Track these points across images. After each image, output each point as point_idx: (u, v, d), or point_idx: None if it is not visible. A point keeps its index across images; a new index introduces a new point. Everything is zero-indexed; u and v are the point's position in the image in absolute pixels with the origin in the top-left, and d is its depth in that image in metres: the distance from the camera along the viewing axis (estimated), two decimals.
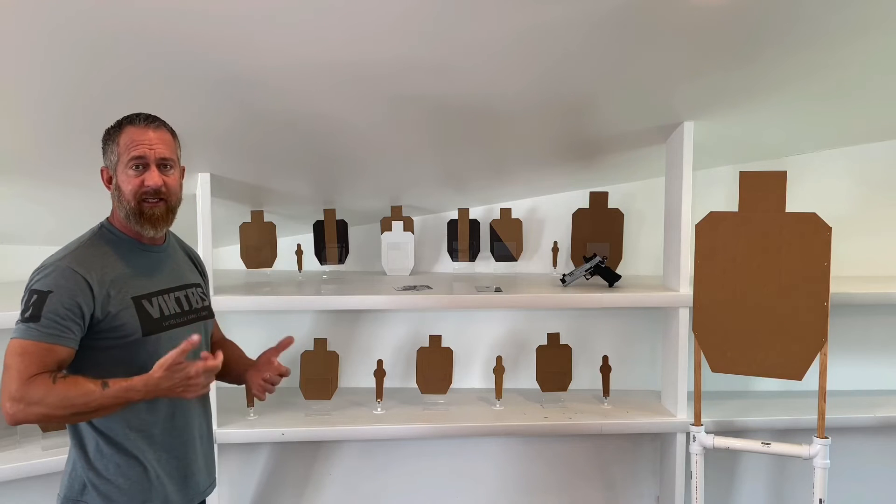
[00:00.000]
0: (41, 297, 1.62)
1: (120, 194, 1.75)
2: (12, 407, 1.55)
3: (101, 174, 1.78)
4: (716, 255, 2.68)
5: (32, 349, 1.58)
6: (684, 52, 2.38)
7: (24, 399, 1.55)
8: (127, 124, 1.76)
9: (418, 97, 2.45)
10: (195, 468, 1.86)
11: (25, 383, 1.55)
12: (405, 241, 3.28)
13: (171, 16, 1.93)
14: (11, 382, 1.56)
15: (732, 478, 3.30)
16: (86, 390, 1.58)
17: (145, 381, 1.60)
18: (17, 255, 3.05)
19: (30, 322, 1.60)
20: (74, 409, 1.58)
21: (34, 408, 1.55)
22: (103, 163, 1.77)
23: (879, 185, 3.34)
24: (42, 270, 1.66)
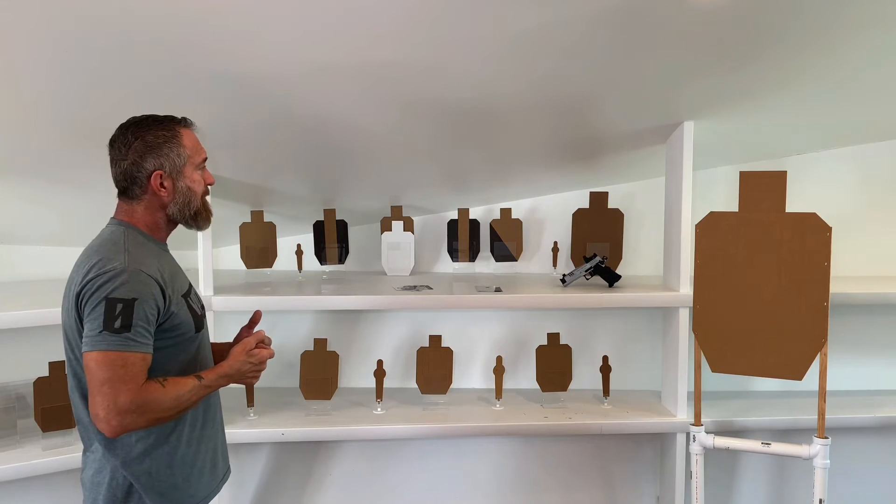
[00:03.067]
0: (127, 304, 1.58)
1: (190, 195, 1.75)
2: (122, 419, 1.55)
3: (154, 178, 1.71)
4: (716, 254, 2.68)
5: (132, 360, 1.57)
6: (684, 53, 2.38)
7: (141, 409, 1.56)
8: (180, 126, 1.76)
9: (419, 97, 2.45)
10: (219, 455, 1.91)
11: (140, 392, 1.57)
12: (405, 241, 3.28)
13: (172, 16, 1.93)
14: (121, 395, 1.54)
15: (732, 478, 3.30)
16: (191, 387, 1.67)
17: (230, 366, 1.74)
18: (17, 255, 3.06)
19: (122, 332, 1.57)
20: (181, 407, 1.65)
21: (148, 415, 1.59)
22: (153, 167, 1.71)
23: (879, 185, 3.34)
24: (112, 278, 1.60)
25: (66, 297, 1.71)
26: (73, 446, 2.59)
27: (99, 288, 1.59)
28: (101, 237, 1.75)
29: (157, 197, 1.74)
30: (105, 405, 1.54)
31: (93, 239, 1.77)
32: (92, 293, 1.60)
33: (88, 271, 1.63)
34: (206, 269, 2.77)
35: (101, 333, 1.56)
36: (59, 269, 3.10)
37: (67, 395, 2.55)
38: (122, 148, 1.72)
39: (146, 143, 1.71)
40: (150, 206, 1.75)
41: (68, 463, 2.54)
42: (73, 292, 1.65)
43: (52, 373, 2.57)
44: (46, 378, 2.57)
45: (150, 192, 1.73)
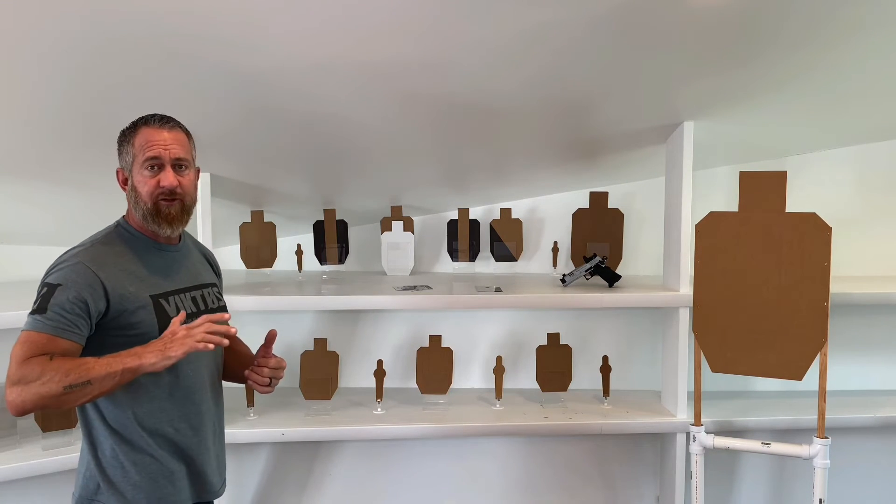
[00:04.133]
0: (50, 289, 1.63)
1: (136, 195, 1.75)
2: (12, 392, 1.54)
3: (117, 175, 1.79)
4: (716, 255, 2.68)
5: (34, 338, 1.60)
6: (684, 52, 2.38)
7: (23, 380, 1.54)
8: (142, 125, 1.77)
9: (419, 97, 2.45)
10: (208, 468, 1.86)
11: (22, 364, 1.55)
12: (405, 241, 3.28)
13: (172, 15, 1.93)
14: (11, 368, 1.56)
15: (732, 478, 3.30)
16: (80, 361, 1.58)
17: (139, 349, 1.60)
18: (17, 255, 3.06)
19: (36, 314, 1.62)
20: (69, 381, 1.54)
21: (32, 387, 1.53)
22: (118, 164, 1.79)
23: (880, 185, 3.34)
24: (57, 265, 1.68)
25: None
26: (74, 446, 2.59)
27: (47, 271, 1.69)
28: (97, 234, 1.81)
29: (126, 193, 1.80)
30: (6, 382, 1.56)
31: None
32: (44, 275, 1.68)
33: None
34: None
35: (30, 314, 1.63)
36: None
37: None
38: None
39: (118, 142, 1.80)
40: (128, 203, 1.81)
41: (68, 463, 2.54)
42: None
43: None
44: None
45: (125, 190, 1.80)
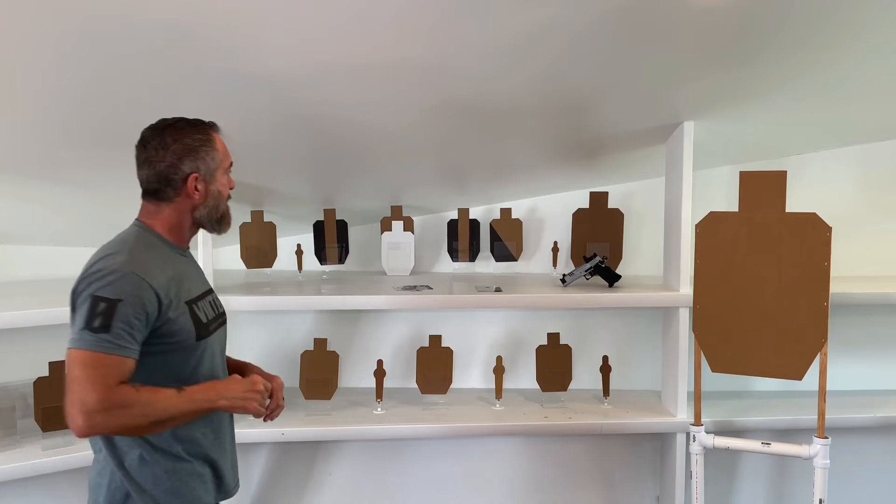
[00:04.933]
0: (110, 305, 1.55)
1: (217, 198, 1.77)
2: (89, 419, 1.50)
3: (189, 180, 1.72)
4: (716, 255, 2.68)
5: (106, 361, 1.54)
6: (684, 52, 2.38)
7: (109, 409, 1.51)
8: (212, 131, 1.77)
9: (418, 96, 2.45)
10: (226, 469, 1.87)
11: (110, 392, 1.51)
12: (405, 241, 3.28)
13: (172, 15, 1.93)
14: (89, 394, 1.51)
15: (732, 478, 3.30)
16: (167, 396, 1.59)
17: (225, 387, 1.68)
18: (17, 255, 3.06)
19: (100, 332, 1.54)
20: (155, 416, 1.57)
21: (117, 419, 1.53)
22: (190, 169, 1.71)
23: (879, 185, 3.34)
24: (103, 276, 1.59)
25: None
26: (74, 446, 2.59)
27: (89, 285, 1.58)
28: (116, 238, 1.74)
29: (190, 199, 1.74)
30: (75, 403, 1.51)
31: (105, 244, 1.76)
32: (83, 289, 1.59)
33: (87, 268, 1.63)
34: (206, 269, 2.76)
35: (82, 331, 1.54)
36: (59, 269, 3.13)
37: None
38: (160, 150, 1.70)
39: (184, 146, 1.71)
40: (178, 208, 1.74)
41: (68, 463, 2.54)
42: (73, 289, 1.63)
43: (52, 373, 2.57)
44: (46, 378, 2.56)
45: (183, 195, 1.73)
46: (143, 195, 1.76)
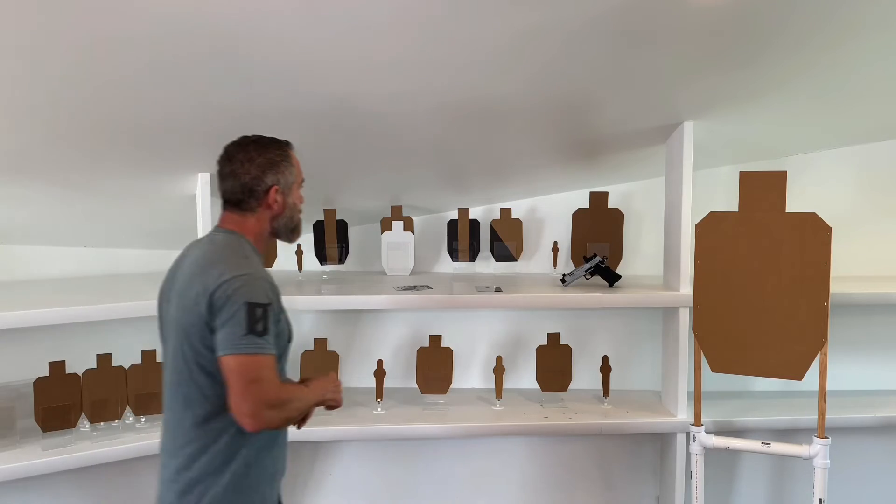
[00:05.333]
0: (264, 310, 1.69)
1: (293, 210, 1.91)
2: (267, 415, 1.68)
3: (271, 192, 1.84)
4: (716, 255, 2.68)
5: (271, 363, 1.70)
6: (684, 53, 2.38)
7: (280, 405, 1.70)
8: (290, 148, 1.91)
9: (418, 96, 2.45)
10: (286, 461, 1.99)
11: (279, 390, 1.71)
12: (405, 241, 3.28)
13: (172, 14, 1.93)
14: (268, 392, 1.67)
15: (732, 478, 3.30)
16: (302, 390, 1.85)
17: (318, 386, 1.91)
18: (17, 255, 3.06)
19: (263, 336, 1.68)
20: (303, 410, 1.83)
21: (284, 412, 1.72)
22: (272, 182, 1.84)
23: (880, 185, 3.34)
24: (248, 283, 1.70)
25: (181, 297, 1.76)
26: (74, 446, 2.59)
27: (236, 291, 1.68)
28: (218, 243, 1.82)
29: (270, 210, 1.86)
30: (254, 402, 1.65)
31: (203, 245, 1.85)
32: (229, 296, 1.67)
33: (221, 275, 1.70)
34: None
35: (247, 336, 1.65)
36: (59, 269, 3.14)
37: (67, 396, 2.58)
38: (245, 163, 1.83)
39: (267, 160, 1.84)
40: (260, 217, 1.86)
41: (68, 463, 2.54)
42: (203, 294, 1.70)
43: (52, 373, 2.57)
44: (46, 378, 2.56)
45: (264, 206, 1.85)
46: (224, 206, 1.88)
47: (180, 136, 2.53)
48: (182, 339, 1.74)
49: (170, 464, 1.81)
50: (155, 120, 2.40)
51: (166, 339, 1.83)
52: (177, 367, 1.77)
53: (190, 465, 1.76)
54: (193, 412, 1.75)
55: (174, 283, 1.82)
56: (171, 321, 1.80)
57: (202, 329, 1.70)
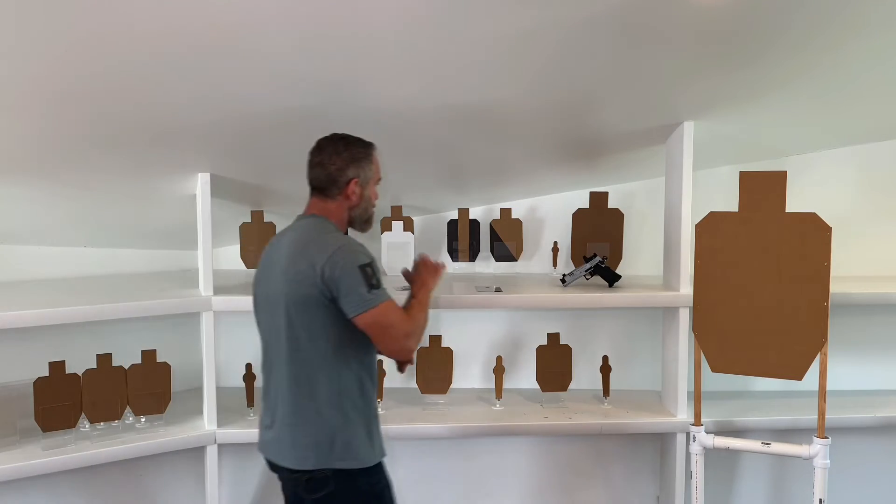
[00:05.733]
0: (373, 267, 2.01)
1: (368, 203, 2.16)
2: (410, 342, 2.05)
3: (351, 184, 2.10)
4: (716, 255, 2.68)
5: (395, 305, 2.04)
6: (684, 53, 2.38)
7: (414, 331, 2.07)
8: (373, 149, 2.17)
9: (418, 96, 2.45)
10: None
11: (411, 322, 2.07)
12: (405, 241, 3.28)
13: (172, 14, 1.93)
14: (402, 328, 2.03)
15: (732, 478, 3.30)
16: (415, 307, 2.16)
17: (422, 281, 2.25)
18: (17, 255, 3.06)
19: (380, 287, 2.00)
20: (427, 317, 2.15)
21: (418, 331, 2.09)
22: (352, 175, 2.10)
23: (880, 185, 3.34)
24: (351, 250, 2.01)
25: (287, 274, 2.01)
26: (74, 446, 2.60)
27: (344, 261, 1.97)
28: (308, 227, 2.08)
29: (348, 200, 2.11)
30: (396, 341, 2.02)
31: (295, 230, 2.10)
32: (341, 268, 1.96)
33: (326, 249, 1.98)
34: (206, 269, 2.77)
35: (371, 292, 1.97)
36: (59, 269, 3.13)
37: (67, 396, 2.58)
38: (333, 155, 2.10)
39: (352, 155, 2.11)
40: (340, 205, 2.11)
41: (68, 463, 2.54)
42: (313, 271, 1.96)
43: (52, 373, 2.57)
44: (46, 378, 2.56)
45: (343, 195, 2.10)
46: (312, 192, 2.14)
47: (180, 136, 2.53)
48: (300, 309, 1.99)
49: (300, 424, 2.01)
50: (155, 120, 2.40)
51: (272, 317, 2.06)
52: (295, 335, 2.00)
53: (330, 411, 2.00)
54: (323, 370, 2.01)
55: (272, 266, 2.07)
56: (276, 299, 2.03)
57: (317, 299, 1.97)
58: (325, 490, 1.98)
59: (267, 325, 2.11)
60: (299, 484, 2.02)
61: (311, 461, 1.99)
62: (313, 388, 2.00)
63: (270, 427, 2.08)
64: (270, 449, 2.09)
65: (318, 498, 1.99)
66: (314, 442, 2.00)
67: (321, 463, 1.98)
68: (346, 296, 1.96)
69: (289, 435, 2.03)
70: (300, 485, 2.01)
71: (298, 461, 2.01)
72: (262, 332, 2.15)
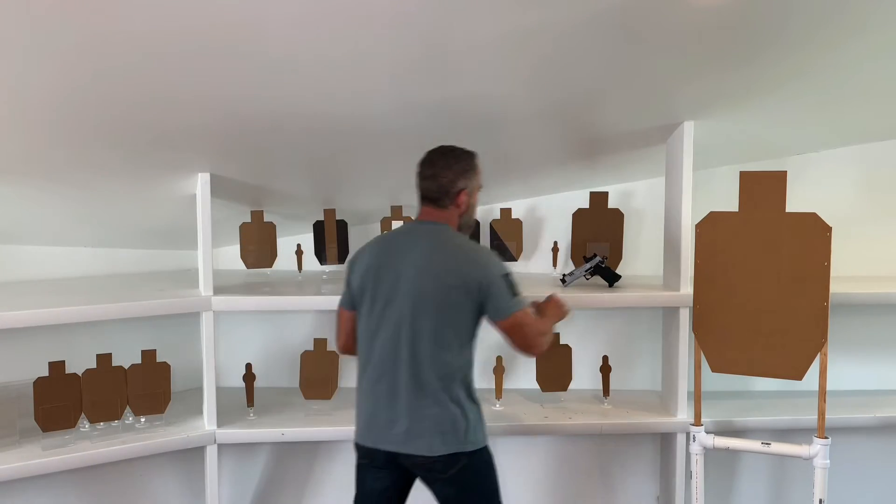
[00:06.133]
0: (510, 275, 2.24)
1: (473, 209, 2.33)
2: (542, 339, 2.28)
3: (461, 195, 2.26)
4: (716, 255, 2.68)
5: (528, 309, 2.27)
6: (684, 53, 2.38)
7: (544, 331, 2.31)
8: (477, 159, 2.32)
9: (418, 97, 2.45)
10: None
11: (539, 323, 2.30)
12: None
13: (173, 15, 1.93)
14: (535, 329, 2.26)
15: (732, 478, 3.30)
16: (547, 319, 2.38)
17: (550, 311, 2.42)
18: (17, 255, 3.06)
19: (519, 293, 2.24)
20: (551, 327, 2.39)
21: (547, 333, 2.34)
22: (461, 186, 2.25)
23: (880, 185, 3.34)
24: (496, 262, 2.25)
25: (441, 279, 2.17)
26: (74, 446, 2.60)
27: (492, 273, 2.20)
28: (448, 235, 2.25)
29: (458, 209, 2.27)
30: (531, 339, 2.25)
31: (430, 236, 2.24)
32: (490, 279, 2.18)
33: (479, 261, 2.22)
34: (206, 269, 2.77)
35: (516, 298, 2.21)
36: (59, 270, 3.13)
37: (67, 396, 2.58)
38: (444, 169, 2.25)
39: (462, 168, 2.26)
40: (452, 214, 2.28)
41: (68, 463, 2.54)
42: (470, 278, 2.17)
43: (52, 373, 2.57)
44: (46, 378, 2.56)
45: (454, 204, 2.26)
46: (423, 201, 2.29)
47: (180, 136, 2.53)
48: (446, 312, 2.16)
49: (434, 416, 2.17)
50: (155, 120, 2.40)
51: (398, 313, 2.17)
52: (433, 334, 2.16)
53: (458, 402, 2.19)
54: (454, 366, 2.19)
55: (401, 265, 2.19)
56: (412, 297, 2.16)
57: (466, 304, 2.17)
58: (458, 466, 2.19)
59: (392, 320, 2.19)
60: (433, 467, 2.19)
61: (446, 447, 2.16)
62: (446, 382, 2.18)
63: (394, 421, 2.18)
64: (396, 441, 2.19)
65: (453, 474, 2.19)
66: (451, 429, 2.17)
67: (455, 448, 2.17)
68: (495, 303, 2.19)
69: (423, 426, 2.16)
70: (433, 467, 2.19)
71: (435, 448, 2.16)
72: (374, 324, 2.22)
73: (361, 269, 2.27)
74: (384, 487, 2.27)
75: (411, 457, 2.19)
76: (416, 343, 2.16)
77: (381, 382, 2.20)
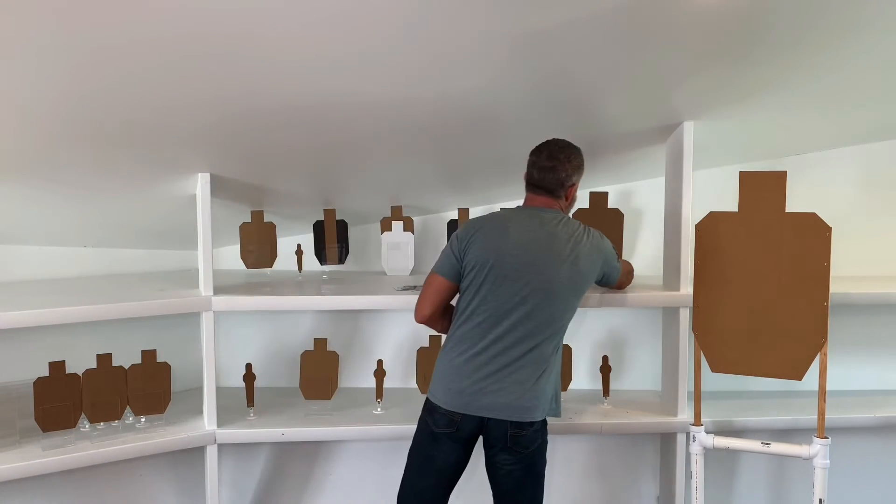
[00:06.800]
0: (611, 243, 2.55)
1: (574, 202, 2.54)
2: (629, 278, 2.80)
3: (572, 188, 2.46)
4: (716, 255, 2.68)
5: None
6: (684, 53, 2.38)
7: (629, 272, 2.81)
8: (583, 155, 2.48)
9: (418, 97, 2.45)
10: None
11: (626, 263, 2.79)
12: (405, 241, 3.28)
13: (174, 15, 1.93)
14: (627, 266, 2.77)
15: (732, 478, 3.30)
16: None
17: None
18: (17, 255, 3.06)
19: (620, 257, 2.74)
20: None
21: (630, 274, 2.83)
22: (574, 180, 2.45)
23: (880, 185, 3.34)
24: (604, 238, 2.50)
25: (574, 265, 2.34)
26: (74, 446, 2.60)
27: (607, 245, 2.50)
28: (573, 223, 2.43)
29: (567, 200, 2.47)
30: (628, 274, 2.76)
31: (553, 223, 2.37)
32: (607, 250, 2.49)
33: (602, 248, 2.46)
34: (206, 269, 2.77)
35: (619, 261, 2.61)
36: (59, 270, 3.13)
37: (67, 396, 2.59)
38: (564, 163, 2.41)
39: (577, 164, 2.45)
40: (562, 204, 2.46)
41: (68, 463, 2.55)
42: (601, 262, 2.46)
43: (52, 373, 2.57)
44: (46, 378, 2.57)
45: (565, 196, 2.46)
46: (536, 190, 2.44)
47: (181, 136, 2.53)
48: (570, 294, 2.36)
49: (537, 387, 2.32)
50: (155, 120, 2.40)
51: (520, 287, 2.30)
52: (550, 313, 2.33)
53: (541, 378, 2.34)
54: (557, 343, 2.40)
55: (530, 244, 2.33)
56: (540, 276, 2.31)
57: (586, 287, 2.43)
58: (534, 427, 2.33)
59: (520, 295, 2.30)
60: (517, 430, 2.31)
61: (535, 414, 2.32)
62: (554, 359, 2.39)
63: (499, 390, 2.29)
64: (492, 407, 2.30)
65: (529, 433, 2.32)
66: (545, 400, 2.35)
67: (541, 415, 2.34)
68: (611, 274, 2.56)
69: (525, 395, 2.30)
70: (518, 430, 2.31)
71: (527, 414, 2.30)
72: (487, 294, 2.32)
73: (480, 244, 2.35)
74: (456, 461, 2.41)
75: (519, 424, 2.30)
76: (539, 319, 2.31)
77: (498, 354, 2.31)
